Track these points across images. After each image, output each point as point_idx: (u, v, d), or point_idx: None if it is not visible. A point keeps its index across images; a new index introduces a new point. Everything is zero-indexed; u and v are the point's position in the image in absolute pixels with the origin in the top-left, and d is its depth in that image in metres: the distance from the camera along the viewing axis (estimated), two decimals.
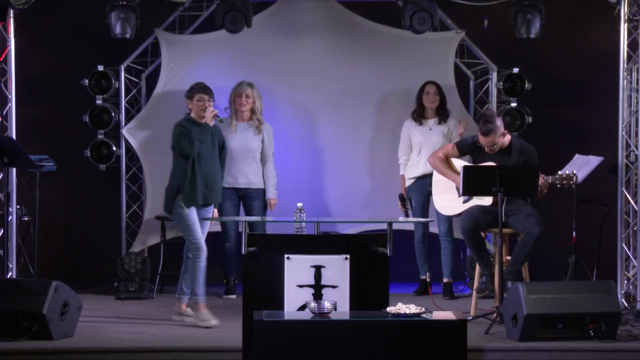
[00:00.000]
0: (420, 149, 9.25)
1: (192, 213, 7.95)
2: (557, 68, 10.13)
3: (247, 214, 9.23)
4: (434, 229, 9.44)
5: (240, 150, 9.17)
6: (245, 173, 9.19)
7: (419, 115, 9.31)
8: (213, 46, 9.72)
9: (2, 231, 8.62)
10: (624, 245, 8.80)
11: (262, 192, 9.25)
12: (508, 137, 8.16)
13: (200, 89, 8.10)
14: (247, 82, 9.21)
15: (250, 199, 9.23)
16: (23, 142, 8.65)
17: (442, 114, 9.30)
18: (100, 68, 9.62)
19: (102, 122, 9.66)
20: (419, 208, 9.22)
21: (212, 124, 8.01)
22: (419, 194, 9.21)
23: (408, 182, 9.33)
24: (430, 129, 9.27)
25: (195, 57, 9.70)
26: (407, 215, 9.14)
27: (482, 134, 8.04)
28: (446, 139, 9.23)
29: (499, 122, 8.05)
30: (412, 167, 9.27)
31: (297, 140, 9.76)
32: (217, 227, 9.57)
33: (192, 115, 8.06)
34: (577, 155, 8.56)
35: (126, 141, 9.67)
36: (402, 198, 9.25)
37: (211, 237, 9.65)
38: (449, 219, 9.03)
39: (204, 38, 9.73)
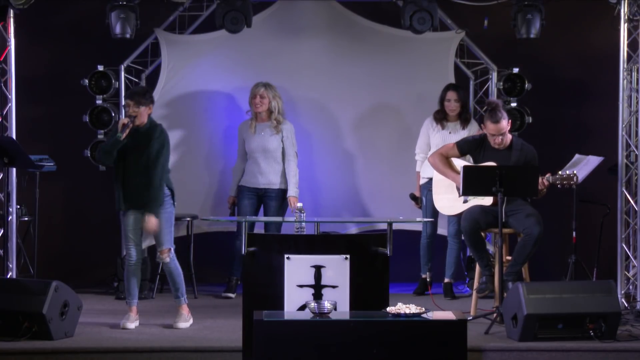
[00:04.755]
0: None
1: (128, 218, 7.90)
2: (557, 68, 10.13)
3: (265, 214, 9.23)
4: (441, 230, 9.43)
5: (259, 150, 9.17)
6: (265, 174, 9.18)
7: (441, 118, 9.27)
8: (213, 46, 9.72)
9: (2, 231, 8.63)
10: (624, 245, 8.81)
11: (281, 192, 9.22)
12: (509, 137, 8.16)
13: (130, 95, 7.89)
14: (263, 82, 9.17)
15: (268, 198, 9.22)
16: (23, 142, 8.66)
17: (465, 119, 9.26)
18: (100, 68, 9.61)
19: (102, 122, 9.65)
20: (429, 207, 9.17)
21: (122, 135, 7.69)
22: (430, 192, 9.18)
23: (422, 181, 9.31)
24: (450, 133, 9.23)
25: (195, 57, 9.70)
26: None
27: (493, 122, 8.00)
28: None
29: (504, 112, 8.06)
30: (427, 167, 9.21)
31: (296, 140, 9.75)
32: (215, 227, 9.58)
33: None
34: (577, 155, 8.55)
35: None
36: (413, 197, 9.27)
37: (208, 237, 9.70)
38: (459, 220, 8.99)
39: (204, 38, 9.73)
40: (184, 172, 9.64)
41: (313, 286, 6.99)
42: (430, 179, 9.04)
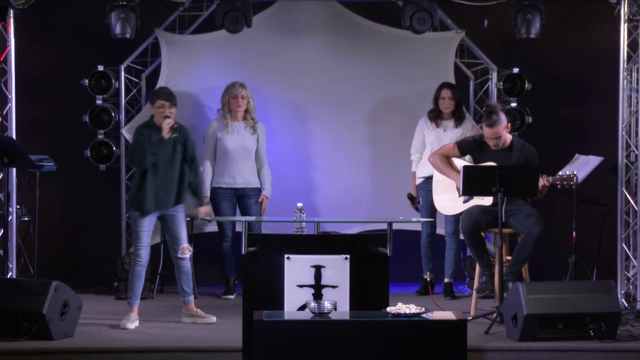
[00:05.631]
0: (432, 149, 9.12)
1: (144, 220, 7.91)
2: (557, 68, 10.13)
3: (243, 213, 9.24)
4: (440, 230, 9.43)
5: (238, 149, 9.18)
6: (243, 172, 9.21)
7: (435, 117, 9.27)
8: (213, 46, 9.72)
9: (2, 231, 8.63)
10: (624, 245, 8.81)
11: (259, 191, 9.26)
12: (509, 137, 8.16)
13: (161, 95, 8.00)
14: (240, 82, 9.21)
15: (247, 197, 9.24)
16: (23, 142, 8.66)
17: (459, 117, 9.26)
18: (100, 68, 9.62)
19: (102, 122, 9.66)
20: (427, 207, 9.17)
21: (167, 136, 7.84)
22: (427, 192, 9.17)
23: (418, 181, 9.31)
24: (445, 131, 9.23)
25: (195, 57, 9.70)
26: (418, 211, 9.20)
27: (488, 126, 8.00)
28: None
29: (502, 115, 8.05)
30: (423, 167, 9.21)
31: (296, 140, 9.76)
32: (214, 227, 9.58)
33: (155, 120, 7.95)
34: (577, 155, 8.56)
35: (126, 141, 9.66)
36: (410, 197, 9.27)
37: (208, 238, 9.70)
38: (456, 219, 8.99)
39: (204, 38, 9.73)
40: None
41: (313, 286, 6.99)
42: (427, 178, 9.06)
